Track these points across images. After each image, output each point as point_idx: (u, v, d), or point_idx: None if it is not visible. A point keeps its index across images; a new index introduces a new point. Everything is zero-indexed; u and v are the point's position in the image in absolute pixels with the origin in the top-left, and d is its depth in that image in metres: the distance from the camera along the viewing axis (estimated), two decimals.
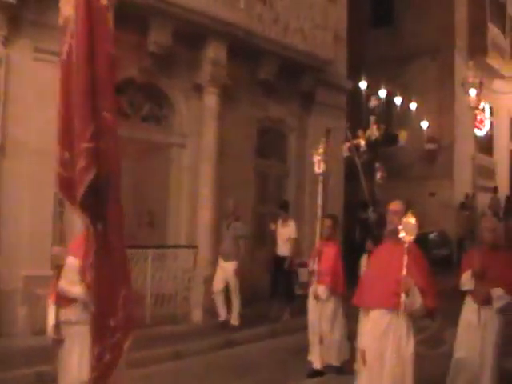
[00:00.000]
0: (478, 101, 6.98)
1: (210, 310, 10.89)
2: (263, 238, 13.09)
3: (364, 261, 8.42)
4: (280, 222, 11.64)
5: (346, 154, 6.96)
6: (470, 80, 6.89)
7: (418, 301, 5.05)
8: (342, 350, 8.29)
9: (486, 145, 22.72)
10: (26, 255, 8.90)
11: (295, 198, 13.93)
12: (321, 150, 8.29)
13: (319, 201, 8.36)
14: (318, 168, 8.31)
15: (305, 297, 9.05)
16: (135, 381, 7.45)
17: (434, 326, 10.81)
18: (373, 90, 16.95)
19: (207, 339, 9.71)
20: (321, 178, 8.39)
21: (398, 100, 17.83)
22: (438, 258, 16.88)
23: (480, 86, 6.89)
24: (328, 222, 8.59)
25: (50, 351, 4.76)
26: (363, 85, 16.48)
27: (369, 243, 8.37)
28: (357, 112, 17.87)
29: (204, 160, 11.43)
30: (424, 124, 18.75)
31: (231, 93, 11.96)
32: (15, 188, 8.91)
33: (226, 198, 11.12)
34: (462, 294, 6.71)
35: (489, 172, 22.53)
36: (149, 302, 10.28)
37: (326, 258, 8.17)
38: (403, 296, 4.94)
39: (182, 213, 11.61)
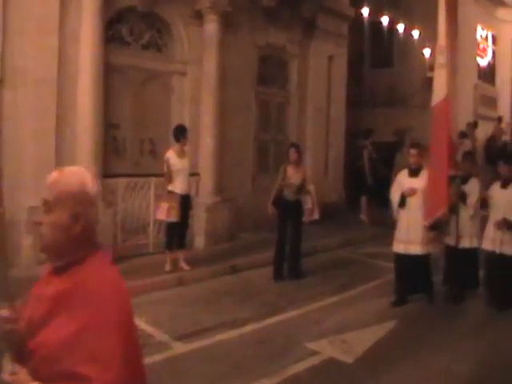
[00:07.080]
0: None
1: (213, 237, 11.10)
2: (265, 165, 13.19)
3: None
4: (174, 152, 9.28)
5: None
6: None
7: None
8: None
9: (487, 74, 22.53)
10: (30, 186, 8.89)
11: (297, 126, 13.94)
12: None
13: None
14: None
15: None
16: (141, 307, 7.65)
17: None
18: (375, 16, 16.65)
19: (210, 266, 9.85)
20: None
21: (400, 27, 17.46)
22: None
23: None
24: None
25: None
26: (365, 11, 16.18)
27: None
28: (359, 39, 17.67)
29: (205, 88, 11.38)
30: (426, 52, 18.44)
31: (232, 20, 11.79)
32: (17, 118, 8.85)
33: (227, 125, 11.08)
34: None
35: (491, 101, 22.35)
36: (152, 230, 10.43)
37: None
38: None
39: None
